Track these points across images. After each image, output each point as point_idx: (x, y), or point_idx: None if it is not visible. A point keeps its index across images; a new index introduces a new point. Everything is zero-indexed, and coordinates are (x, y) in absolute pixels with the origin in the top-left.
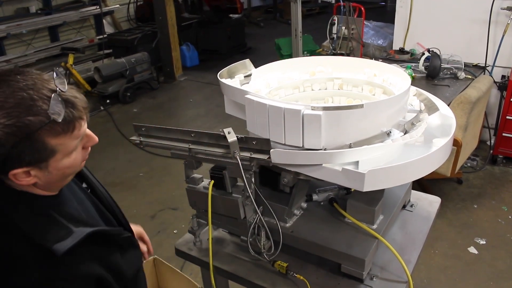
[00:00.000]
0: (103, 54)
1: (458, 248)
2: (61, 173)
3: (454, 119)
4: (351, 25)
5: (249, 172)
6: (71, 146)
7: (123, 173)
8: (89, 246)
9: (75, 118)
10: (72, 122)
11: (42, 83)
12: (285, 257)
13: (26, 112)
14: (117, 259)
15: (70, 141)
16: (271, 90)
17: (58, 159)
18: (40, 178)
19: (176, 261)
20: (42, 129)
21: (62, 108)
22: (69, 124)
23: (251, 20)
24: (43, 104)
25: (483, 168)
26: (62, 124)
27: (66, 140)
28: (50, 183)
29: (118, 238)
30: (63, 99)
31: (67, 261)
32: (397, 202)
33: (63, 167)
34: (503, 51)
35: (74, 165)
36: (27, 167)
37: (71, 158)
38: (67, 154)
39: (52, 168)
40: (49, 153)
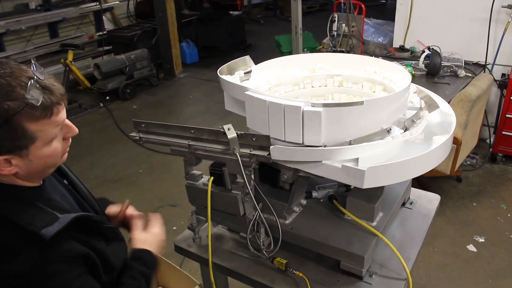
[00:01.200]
0: (102, 51)
1: (457, 246)
2: (42, 163)
3: (454, 117)
4: (351, 22)
5: (249, 168)
6: (51, 133)
7: (123, 169)
8: (74, 231)
9: (53, 104)
10: (50, 108)
11: (20, 71)
12: (285, 254)
13: (4, 97)
14: (102, 247)
15: (50, 127)
16: (271, 87)
17: (38, 146)
18: (21, 168)
19: (175, 258)
20: (20, 113)
21: (39, 93)
22: (47, 109)
23: (251, 17)
24: (21, 90)
25: (482, 166)
26: (40, 109)
27: (46, 126)
28: (31, 172)
29: (101, 226)
30: (41, 85)
31: (55, 245)
32: (397, 199)
33: (43, 155)
34: (503, 49)
35: (55, 155)
36: (8, 154)
37: (51, 147)
38: (47, 143)
39: (33, 157)
40: (29, 140)
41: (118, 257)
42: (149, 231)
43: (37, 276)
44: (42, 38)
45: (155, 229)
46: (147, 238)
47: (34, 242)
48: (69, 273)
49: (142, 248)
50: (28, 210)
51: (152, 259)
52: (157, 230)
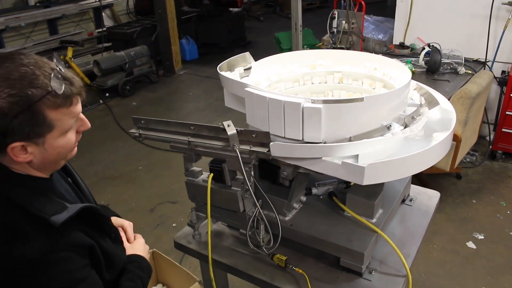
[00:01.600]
0: (102, 48)
1: (456, 243)
2: (56, 153)
3: (454, 114)
4: (351, 19)
5: (249, 165)
6: (67, 123)
7: (122, 166)
8: (81, 223)
9: (72, 94)
10: (70, 97)
11: (43, 62)
12: (284, 251)
13: (29, 84)
14: (106, 244)
15: (67, 117)
16: (271, 83)
17: (54, 136)
18: (35, 156)
19: (175, 254)
20: (43, 100)
21: (61, 83)
22: (67, 98)
23: (251, 14)
24: (44, 78)
25: (482, 163)
26: (61, 98)
27: (64, 115)
28: (44, 162)
29: (106, 222)
30: (62, 76)
31: (64, 232)
32: (397, 196)
33: (58, 145)
34: (503, 47)
35: (68, 146)
36: (26, 141)
37: (66, 137)
38: (63, 133)
39: (48, 145)
40: (47, 128)
41: (120, 258)
42: (137, 241)
43: (43, 262)
44: (41, 35)
45: (140, 239)
46: (135, 246)
47: (44, 228)
48: (74, 262)
49: (136, 254)
50: (39, 198)
51: (146, 264)
52: (142, 240)
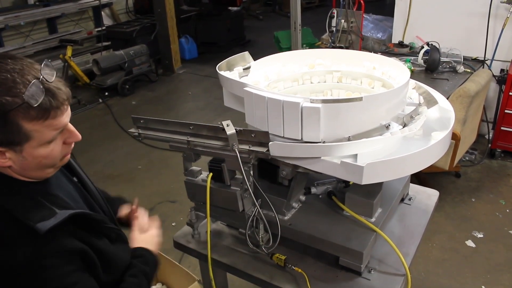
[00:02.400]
0: (101, 47)
1: (456, 241)
2: (37, 162)
3: (453, 113)
4: (350, 18)
5: (248, 164)
6: (47, 135)
7: (122, 165)
8: (73, 227)
9: (52, 107)
10: (47, 110)
11: (29, 69)
12: (283, 250)
13: (5, 92)
14: (103, 245)
15: (46, 130)
16: (270, 83)
17: (33, 145)
18: (14, 162)
19: (174, 254)
20: (16, 110)
21: (40, 94)
22: (44, 111)
23: (250, 12)
24: (23, 87)
25: (481, 161)
26: (37, 110)
27: (41, 127)
28: (25, 169)
29: (102, 226)
30: (44, 87)
31: (50, 239)
32: (396, 195)
33: (38, 155)
34: (502, 45)
35: (51, 157)
36: (1, 147)
37: (48, 148)
38: (43, 144)
39: (27, 154)
40: (23, 137)
41: (121, 258)
42: (148, 232)
43: (30, 269)
44: (40, 34)
45: (154, 230)
46: (146, 238)
47: (30, 235)
48: (62, 268)
49: (143, 247)
50: (27, 204)
51: (153, 258)
52: (155, 232)
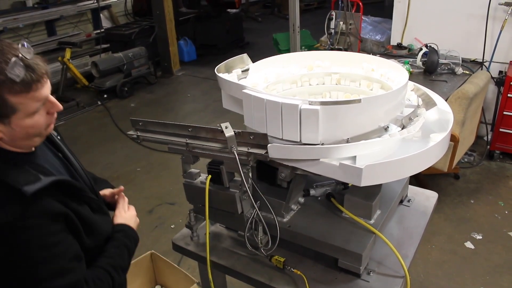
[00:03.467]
0: (100, 49)
1: (455, 243)
2: (25, 132)
3: (452, 114)
4: (349, 20)
5: (247, 167)
6: (32, 107)
7: (121, 167)
8: (57, 193)
9: (33, 81)
10: (29, 84)
11: (9, 49)
12: (282, 252)
13: None
14: (85, 212)
15: (30, 102)
16: (269, 85)
17: (20, 117)
18: (4, 134)
19: (173, 256)
20: (1, 86)
21: (22, 70)
22: (27, 85)
23: (249, 14)
24: (5, 65)
25: (480, 163)
26: (20, 84)
27: (26, 100)
28: (14, 140)
29: (84, 195)
30: (24, 64)
31: (35, 201)
32: (395, 197)
33: (25, 126)
34: (500, 47)
35: (37, 126)
36: None
37: (33, 119)
38: (29, 115)
39: (15, 125)
40: (10, 110)
41: (102, 226)
42: (129, 212)
43: (15, 228)
44: (39, 36)
45: (133, 212)
46: (127, 216)
47: (17, 197)
48: (46, 228)
49: (125, 224)
50: (15, 170)
51: (134, 235)
52: (134, 213)
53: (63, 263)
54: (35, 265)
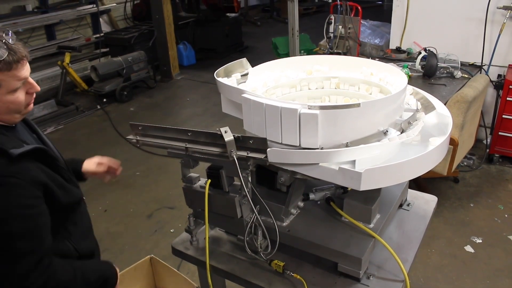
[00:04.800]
0: (99, 53)
1: (454, 247)
2: (6, 106)
3: (451, 118)
4: (348, 24)
5: (246, 171)
6: (12, 84)
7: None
8: (38, 163)
9: (14, 61)
10: (11, 63)
11: None
12: (282, 256)
13: None
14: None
15: (11, 79)
16: (268, 89)
17: (2, 93)
18: None
19: (172, 260)
20: None
21: (5, 51)
22: (8, 64)
23: (248, 19)
24: None
25: (479, 167)
26: (2, 63)
27: (7, 77)
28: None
29: (57, 165)
30: (7, 46)
31: (20, 163)
32: (394, 201)
33: (6, 101)
34: (499, 50)
35: (17, 103)
36: None
37: (14, 96)
38: (10, 91)
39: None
40: None
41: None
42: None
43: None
44: (39, 40)
45: None
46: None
47: (3, 158)
48: (25, 190)
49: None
50: (1, 136)
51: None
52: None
53: (33, 226)
54: (7, 220)
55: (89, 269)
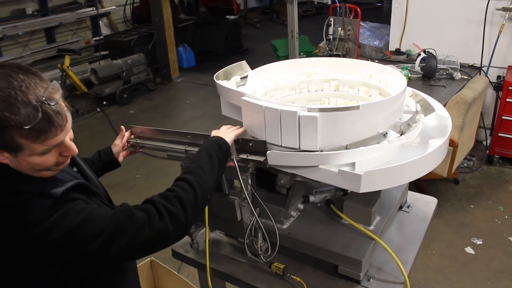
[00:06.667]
0: (99, 56)
1: (455, 248)
2: (31, 167)
3: (450, 120)
4: (347, 26)
5: (246, 173)
6: (38, 149)
7: (120, 174)
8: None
9: (45, 131)
10: (40, 133)
11: (34, 90)
12: (282, 259)
13: (6, 108)
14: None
15: (38, 146)
16: (268, 92)
17: (26, 155)
18: (11, 162)
19: (173, 263)
20: (12, 127)
21: (36, 117)
22: (37, 133)
23: (248, 21)
24: (22, 107)
25: (479, 168)
26: (29, 131)
27: (33, 144)
28: (21, 169)
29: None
30: (42, 111)
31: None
32: (394, 203)
33: (32, 162)
34: (498, 52)
35: (45, 165)
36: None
37: (42, 158)
38: (36, 154)
39: (21, 160)
40: (17, 148)
41: None
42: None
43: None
44: (38, 43)
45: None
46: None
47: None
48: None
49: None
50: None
51: (215, 138)
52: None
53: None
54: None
55: (198, 162)
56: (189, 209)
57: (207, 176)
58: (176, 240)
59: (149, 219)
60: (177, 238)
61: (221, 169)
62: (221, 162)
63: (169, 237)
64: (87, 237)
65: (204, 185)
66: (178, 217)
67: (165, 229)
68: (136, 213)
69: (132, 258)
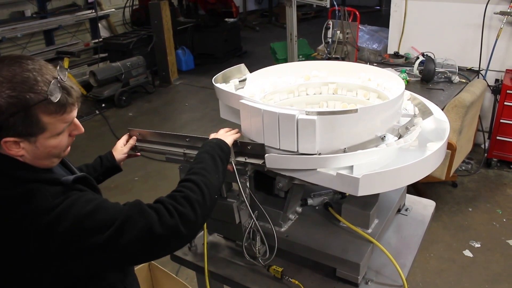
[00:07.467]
0: (98, 58)
1: (453, 251)
2: (47, 151)
3: (448, 123)
4: (346, 29)
5: (244, 176)
6: (59, 127)
7: (118, 177)
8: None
9: (67, 103)
10: (64, 106)
11: (47, 69)
12: (280, 262)
13: (28, 89)
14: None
15: (60, 123)
16: (266, 95)
17: (46, 136)
18: (27, 151)
19: (171, 266)
20: (38, 105)
21: (59, 92)
22: (61, 107)
23: (247, 24)
24: (44, 85)
25: (477, 171)
26: (55, 105)
27: (57, 121)
28: (35, 158)
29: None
30: (61, 86)
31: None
32: (392, 206)
33: (49, 145)
34: (496, 55)
35: (59, 147)
36: (18, 137)
37: (57, 139)
38: (54, 135)
39: (40, 144)
40: (39, 129)
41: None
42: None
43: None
44: (37, 46)
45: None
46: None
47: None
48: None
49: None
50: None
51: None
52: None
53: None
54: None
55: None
56: (198, 208)
57: (212, 176)
58: (187, 240)
59: (159, 216)
60: (189, 238)
61: (224, 170)
62: (224, 163)
63: (180, 236)
64: (96, 227)
65: (210, 185)
66: (188, 217)
67: (176, 227)
68: (147, 209)
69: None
